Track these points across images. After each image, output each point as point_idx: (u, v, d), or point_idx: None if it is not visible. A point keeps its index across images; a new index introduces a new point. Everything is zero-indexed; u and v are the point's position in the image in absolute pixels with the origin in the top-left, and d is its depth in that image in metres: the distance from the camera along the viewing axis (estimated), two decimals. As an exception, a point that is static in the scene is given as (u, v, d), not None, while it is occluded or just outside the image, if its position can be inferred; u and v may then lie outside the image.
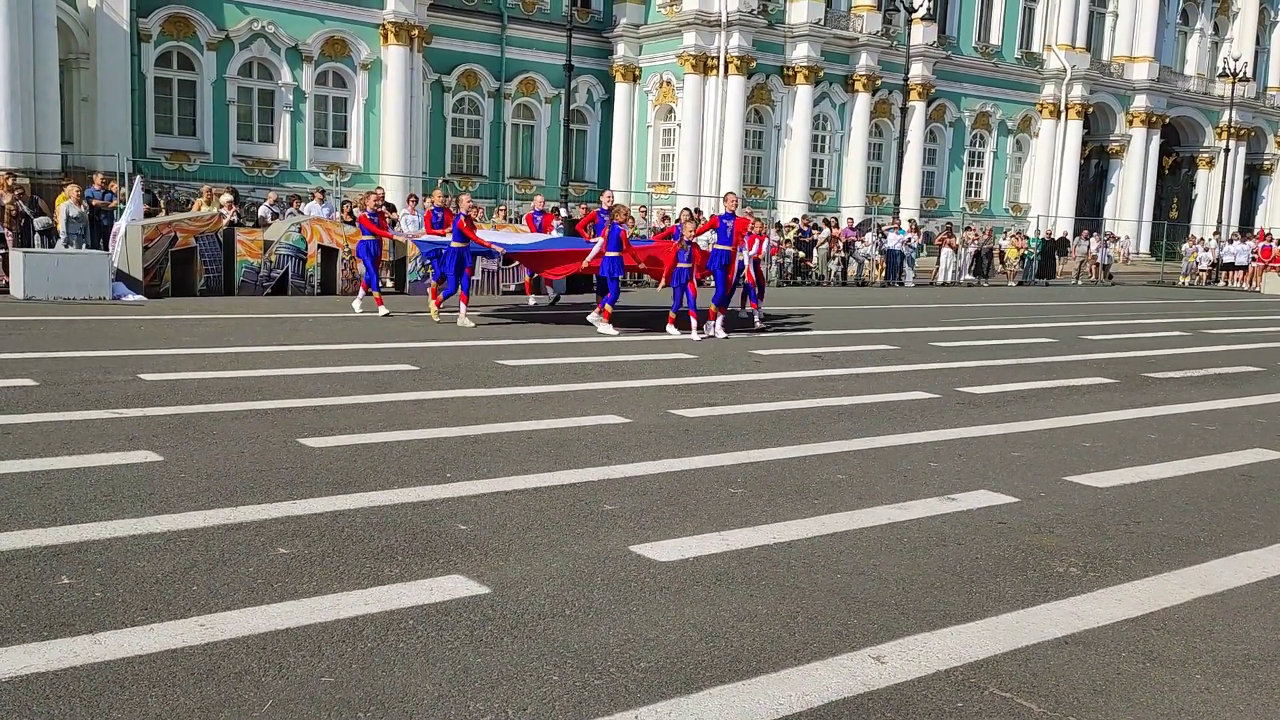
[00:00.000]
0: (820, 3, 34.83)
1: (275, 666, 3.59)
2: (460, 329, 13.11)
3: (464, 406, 8.28)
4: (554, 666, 3.70)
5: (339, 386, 8.83)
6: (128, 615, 3.95)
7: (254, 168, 28.93)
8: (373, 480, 5.94)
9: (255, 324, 12.85)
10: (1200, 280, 35.12)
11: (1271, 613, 4.56)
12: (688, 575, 4.67)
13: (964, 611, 4.39)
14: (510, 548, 4.92)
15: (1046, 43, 41.33)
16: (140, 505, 5.29)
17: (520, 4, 33.90)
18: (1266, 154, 49.39)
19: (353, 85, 30.45)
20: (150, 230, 15.65)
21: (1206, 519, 6.01)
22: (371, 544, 4.88)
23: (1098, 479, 6.80)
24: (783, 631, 4.10)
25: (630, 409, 8.43)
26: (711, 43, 33.46)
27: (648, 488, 6.09)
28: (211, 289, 16.12)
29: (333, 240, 17.32)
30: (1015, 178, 42.59)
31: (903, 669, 3.81)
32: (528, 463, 6.53)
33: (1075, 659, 3.98)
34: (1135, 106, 43.22)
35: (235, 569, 4.48)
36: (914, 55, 34.79)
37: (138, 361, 9.58)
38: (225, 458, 6.30)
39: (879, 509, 5.87)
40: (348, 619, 4.01)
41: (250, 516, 5.18)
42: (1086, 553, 5.26)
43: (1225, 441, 8.30)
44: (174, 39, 27.69)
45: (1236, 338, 17.03)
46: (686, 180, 33.81)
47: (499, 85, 33.77)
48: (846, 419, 8.52)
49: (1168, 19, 44.08)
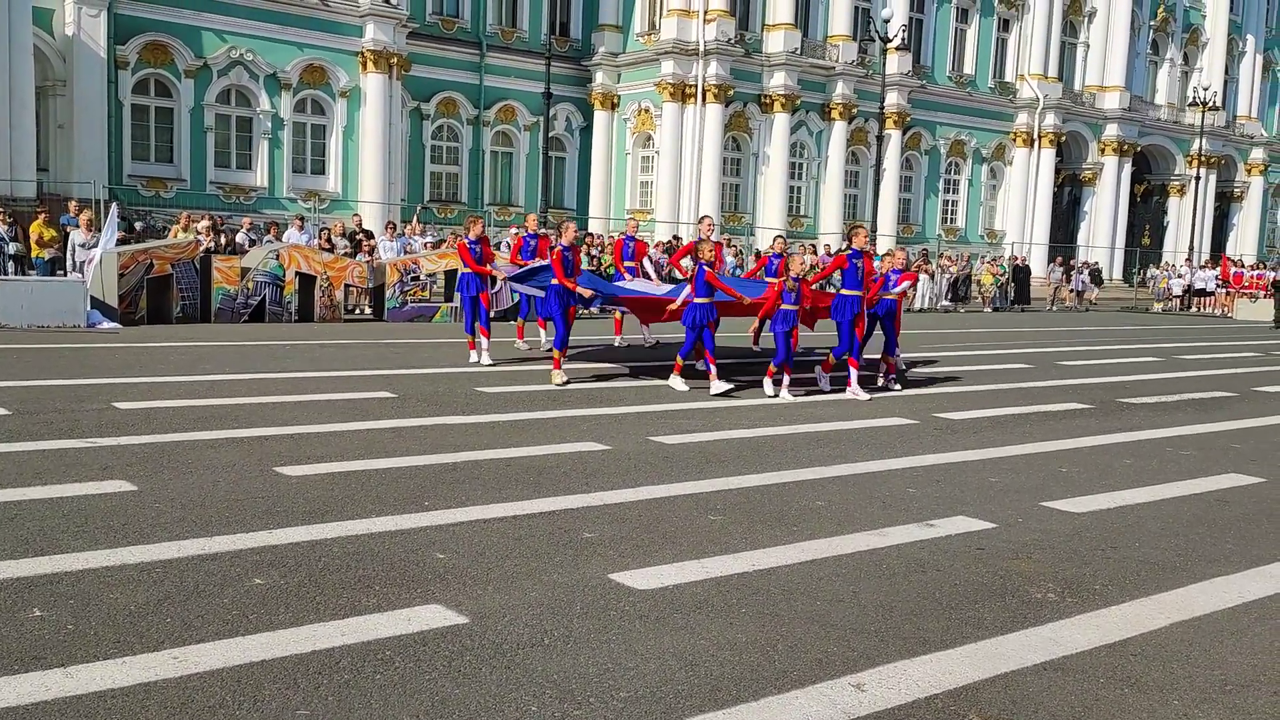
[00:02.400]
0: (797, 32, 35.19)
1: (250, 700, 3.55)
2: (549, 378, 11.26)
3: (442, 434, 8.24)
4: (533, 697, 3.67)
5: (316, 414, 8.78)
6: (100, 648, 3.90)
7: (231, 194, 28.84)
8: (350, 509, 5.90)
9: (231, 351, 12.78)
10: (1175, 306, 35.51)
11: (1247, 638, 4.59)
12: (667, 603, 4.65)
13: (943, 638, 4.39)
14: (489, 577, 4.89)
15: (1019, 72, 41.88)
16: (114, 536, 5.23)
17: (499, 32, 34.07)
18: (1237, 182, 50.10)
19: (331, 112, 30.46)
20: (126, 257, 15.56)
21: (1182, 544, 6.05)
22: (348, 574, 4.84)
23: (1074, 504, 6.84)
24: (763, 660, 4.08)
25: (610, 436, 8.42)
26: (689, 71, 33.72)
27: (627, 515, 6.07)
28: (188, 316, 16.02)
29: (310, 267, 17.26)
30: (990, 205, 42.99)
31: (883, 696, 3.80)
32: (506, 491, 6.50)
33: (1054, 685, 3.98)
34: (1107, 135, 43.80)
35: (210, 600, 4.43)
36: (889, 84, 35.17)
37: (112, 390, 9.50)
38: (200, 487, 6.24)
39: (858, 535, 5.87)
40: (324, 650, 3.97)
41: (225, 547, 5.13)
42: (1064, 578, 5.28)
43: (1200, 466, 8.37)
44: (152, 66, 27.63)
45: (1210, 363, 17.21)
46: (665, 207, 33.96)
47: (478, 112, 33.87)
48: (825, 445, 8.54)
49: (1138, 49, 44.79)
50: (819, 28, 36.75)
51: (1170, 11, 45.88)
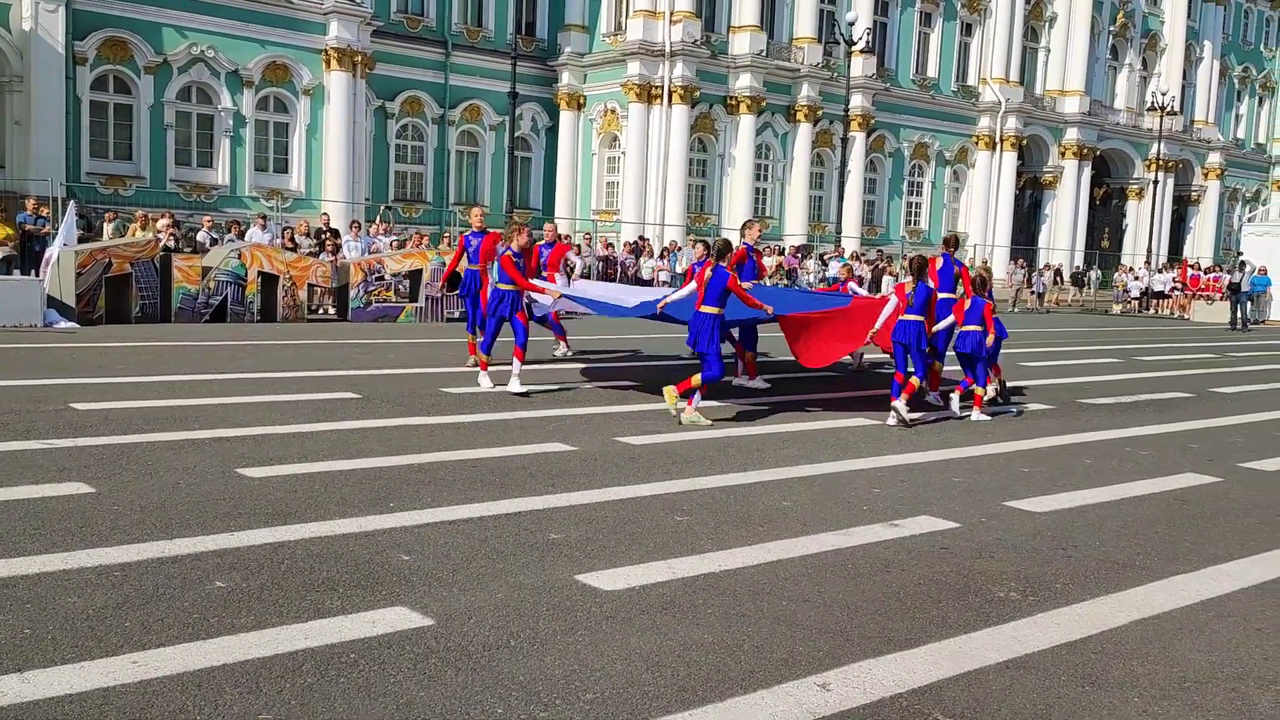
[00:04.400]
0: (762, 34, 35.34)
1: (211, 704, 3.50)
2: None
3: (408, 435, 8.19)
4: (498, 699, 3.65)
5: (279, 415, 8.69)
6: (57, 653, 3.83)
7: (192, 193, 28.51)
8: (314, 511, 5.85)
9: (192, 351, 12.62)
10: (1134, 308, 36.04)
11: (1205, 635, 4.66)
12: (634, 604, 4.65)
13: (908, 637, 4.42)
14: (454, 578, 4.86)
15: (982, 76, 42.32)
16: (71, 539, 5.14)
17: (464, 32, 33.93)
18: (1194, 186, 50.93)
19: (295, 110, 30.19)
20: (84, 256, 15.33)
21: (1141, 543, 6.13)
22: (312, 576, 4.79)
23: (1035, 504, 6.92)
24: (729, 660, 4.09)
25: (576, 437, 8.40)
26: (655, 72, 33.75)
27: (593, 516, 6.06)
28: (147, 316, 15.81)
29: (273, 267, 17.09)
30: (953, 207, 43.39)
31: (848, 696, 3.82)
32: (472, 492, 6.47)
33: (1016, 683, 4.02)
34: (1067, 139, 44.38)
35: (170, 604, 4.37)
36: (854, 87, 35.41)
37: (69, 390, 9.35)
38: (160, 489, 6.16)
39: (824, 535, 5.90)
40: (287, 654, 3.92)
41: (186, 549, 5.07)
42: (1026, 577, 5.34)
43: (1158, 466, 8.49)
44: (111, 62, 27.25)
45: (1168, 364, 17.47)
46: (631, 208, 33.98)
47: (443, 112, 33.71)
48: (791, 446, 8.58)
49: (1098, 55, 45.42)
50: (784, 30, 36.93)
51: (1130, 17, 46.57)
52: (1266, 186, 54.82)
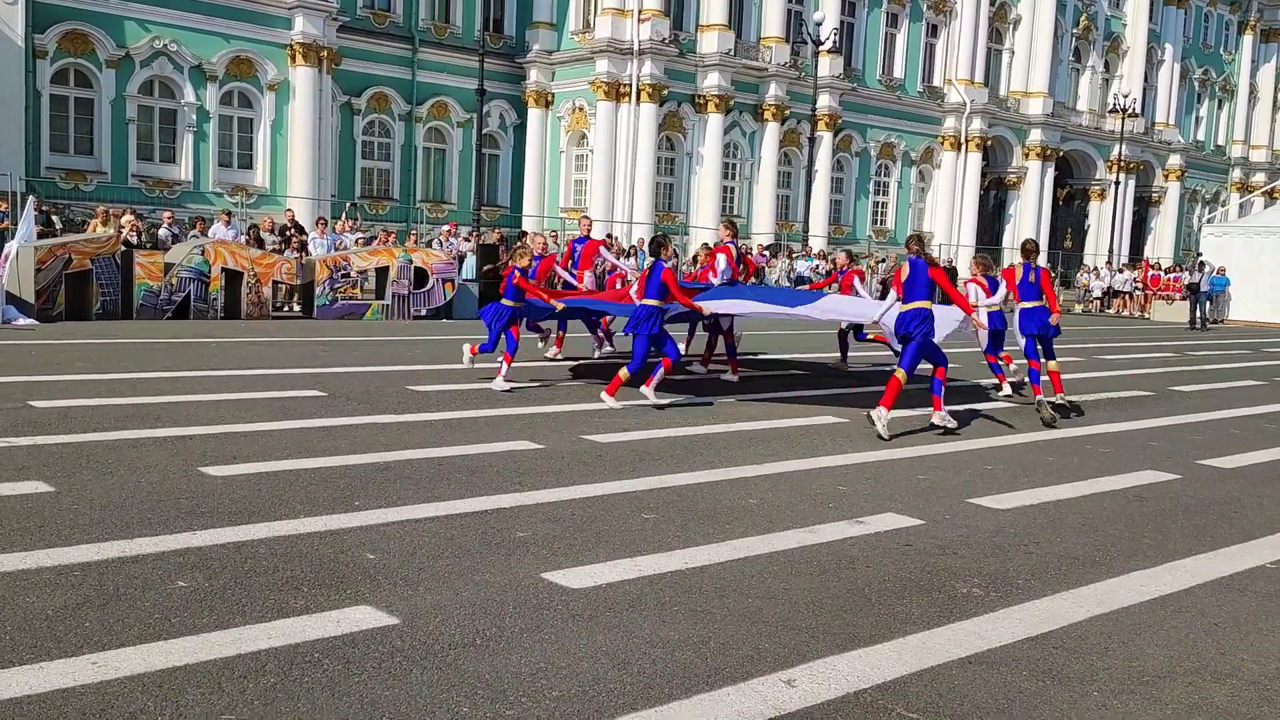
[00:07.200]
0: (730, 33, 35.43)
1: (172, 705, 3.47)
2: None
3: (373, 433, 8.14)
4: (464, 698, 3.64)
5: (243, 413, 8.61)
6: (15, 653, 3.78)
7: (154, 188, 28.15)
8: (278, 509, 5.80)
9: (154, 349, 12.47)
10: (1095, 307, 36.50)
11: (1164, 630, 4.73)
12: (600, 602, 4.65)
13: (872, 633, 4.46)
14: (420, 577, 4.84)
15: (947, 77, 42.69)
16: (29, 538, 5.07)
17: (432, 28, 33.75)
18: (1155, 187, 51.62)
19: (259, 106, 29.90)
20: (43, 252, 15.11)
21: (1101, 539, 6.21)
22: (276, 575, 4.76)
23: (998, 501, 6.99)
24: (695, 657, 4.10)
25: (543, 434, 8.39)
26: (624, 70, 33.75)
27: (560, 514, 6.06)
28: (108, 312, 15.62)
29: (237, 263, 16.93)
30: (919, 207, 43.73)
31: (813, 692, 3.84)
32: (438, 490, 6.45)
33: (979, 678, 4.06)
34: (1031, 140, 44.85)
35: (131, 604, 4.32)
36: (821, 87, 35.59)
37: (28, 388, 9.21)
38: (121, 488, 6.08)
39: (789, 533, 5.93)
40: (250, 654, 3.89)
41: (147, 549, 5.01)
42: (988, 573, 5.39)
43: (1119, 464, 8.60)
44: (71, 55, 26.85)
45: (1128, 363, 17.70)
46: (599, 206, 33.93)
47: (410, 108, 33.51)
48: (757, 443, 8.61)
49: (1061, 56, 45.93)
50: (752, 29, 37.05)
51: (1092, 20, 47.12)
52: (1226, 188, 55.67)
